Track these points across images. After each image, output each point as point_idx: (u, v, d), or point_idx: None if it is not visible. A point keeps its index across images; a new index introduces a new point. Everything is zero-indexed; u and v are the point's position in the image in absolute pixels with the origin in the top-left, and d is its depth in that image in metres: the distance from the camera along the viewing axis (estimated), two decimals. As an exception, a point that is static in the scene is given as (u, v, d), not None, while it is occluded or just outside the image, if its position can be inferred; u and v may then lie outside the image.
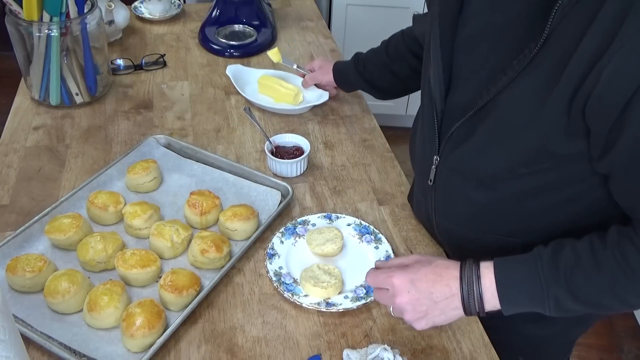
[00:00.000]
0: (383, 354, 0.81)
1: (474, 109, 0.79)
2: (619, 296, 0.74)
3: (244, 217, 1.00)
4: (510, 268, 0.77)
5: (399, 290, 0.78)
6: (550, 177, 0.79)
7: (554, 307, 0.75)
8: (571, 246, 0.76)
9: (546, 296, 0.74)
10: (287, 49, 1.62)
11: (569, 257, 0.74)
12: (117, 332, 0.85)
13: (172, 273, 0.90)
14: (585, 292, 0.74)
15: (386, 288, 0.80)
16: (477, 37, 0.80)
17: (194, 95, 1.41)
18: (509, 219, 0.86)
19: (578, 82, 0.66)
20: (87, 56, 1.30)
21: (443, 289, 0.77)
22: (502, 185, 0.83)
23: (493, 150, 0.80)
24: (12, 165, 1.17)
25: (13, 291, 0.90)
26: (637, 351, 2.04)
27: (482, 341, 0.88)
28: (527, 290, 0.75)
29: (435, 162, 0.90)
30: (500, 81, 0.74)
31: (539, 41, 0.68)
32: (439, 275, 0.78)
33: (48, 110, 1.33)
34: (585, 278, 0.73)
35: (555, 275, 0.74)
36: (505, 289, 0.76)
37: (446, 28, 0.83)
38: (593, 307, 0.76)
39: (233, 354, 0.85)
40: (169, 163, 1.16)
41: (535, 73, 0.71)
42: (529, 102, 0.72)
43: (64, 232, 0.96)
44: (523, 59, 0.71)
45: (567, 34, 0.67)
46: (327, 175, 1.19)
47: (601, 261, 0.73)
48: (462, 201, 0.90)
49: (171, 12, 1.74)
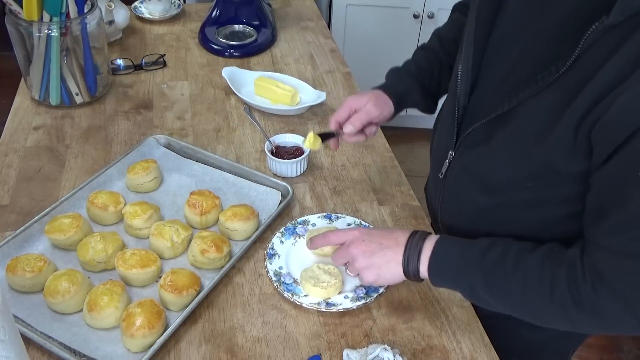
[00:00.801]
0: (383, 354, 0.81)
1: (495, 114, 0.79)
2: (525, 305, 0.77)
3: (244, 217, 1.00)
4: (448, 244, 0.82)
5: (355, 239, 0.86)
6: (552, 193, 0.80)
7: (469, 291, 0.80)
8: (507, 243, 0.79)
9: (464, 278, 0.80)
10: (287, 49, 1.63)
11: (499, 252, 0.78)
12: (117, 332, 0.85)
13: (172, 273, 0.90)
14: (498, 288, 0.78)
15: (344, 242, 0.89)
16: (510, 40, 0.80)
17: (194, 95, 1.41)
18: (509, 227, 0.86)
19: (591, 105, 0.67)
20: (87, 56, 1.30)
21: (391, 241, 0.85)
22: (505, 194, 0.84)
23: (503, 158, 0.81)
24: (12, 165, 1.17)
25: (13, 291, 0.90)
26: (637, 351, 2.04)
27: (482, 341, 0.88)
28: (450, 267, 0.81)
29: (449, 156, 0.92)
30: (522, 92, 0.74)
31: (567, 62, 0.68)
32: (391, 232, 0.87)
33: (48, 110, 1.33)
34: (502, 275, 0.77)
35: (478, 262, 0.78)
36: (435, 258, 0.81)
37: (482, 24, 0.83)
38: (503, 307, 0.79)
39: (233, 354, 0.85)
40: (169, 163, 1.16)
41: (557, 92, 0.71)
42: (544, 118, 0.73)
43: (64, 232, 0.96)
44: (548, 75, 0.71)
45: (593, 59, 0.67)
46: (327, 175, 1.19)
47: (522, 263, 0.76)
48: (467, 201, 0.91)
49: (171, 12, 1.74)
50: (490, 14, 0.82)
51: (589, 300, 0.71)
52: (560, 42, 0.72)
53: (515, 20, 0.80)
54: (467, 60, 0.85)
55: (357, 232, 0.88)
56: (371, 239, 0.86)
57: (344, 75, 1.52)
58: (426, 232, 0.85)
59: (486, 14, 0.83)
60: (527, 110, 0.75)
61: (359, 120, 0.99)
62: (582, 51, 0.67)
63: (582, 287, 0.72)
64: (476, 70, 0.85)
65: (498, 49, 0.82)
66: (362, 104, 1.01)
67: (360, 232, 0.87)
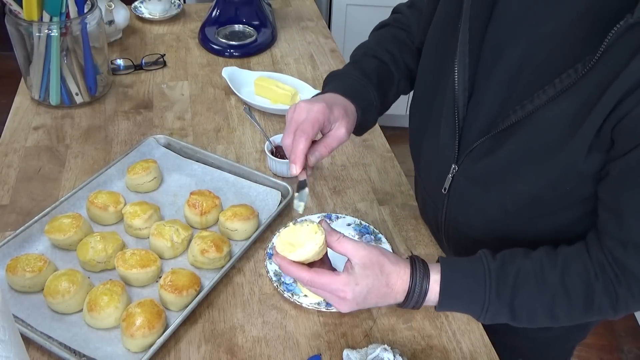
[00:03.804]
0: (383, 354, 0.81)
1: (506, 124, 0.76)
2: (554, 316, 0.76)
3: (244, 217, 1.00)
4: (458, 280, 0.77)
5: (349, 302, 0.77)
6: (571, 196, 0.78)
7: (489, 319, 0.77)
8: (521, 263, 0.76)
9: (485, 310, 0.76)
10: (287, 49, 1.63)
11: (518, 276, 0.75)
12: (117, 332, 0.85)
13: (172, 273, 0.90)
14: (524, 311, 0.76)
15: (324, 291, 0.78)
16: (509, 46, 0.77)
17: (194, 95, 1.41)
18: (523, 234, 0.85)
19: (615, 103, 0.65)
20: (87, 56, 1.30)
21: (389, 301, 0.79)
22: (521, 203, 0.81)
23: (522, 168, 0.77)
24: (12, 165, 1.17)
25: (13, 291, 0.90)
26: (637, 351, 2.04)
27: (482, 341, 0.88)
28: (468, 304, 0.78)
29: (452, 170, 0.88)
30: (538, 98, 0.72)
31: (589, 64, 0.66)
32: (390, 288, 0.77)
33: (48, 110, 1.33)
34: (529, 298, 0.75)
35: (502, 294, 0.75)
36: (448, 299, 0.78)
37: (475, 34, 0.79)
38: (525, 324, 0.78)
39: (233, 354, 0.85)
40: (169, 163, 1.16)
41: (578, 94, 0.69)
42: (566, 122, 0.70)
43: (64, 232, 0.95)
44: (567, 78, 0.69)
45: (615, 58, 0.65)
46: (327, 175, 1.19)
47: (548, 283, 0.75)
48: (477, 213, 0.88)
49: (171, 12, 1.74)
50: (483, 22, 0.79)
51: (624, 301, 0.73)
52: (576, 43, 0.69)
53: (513, 25, 0.76)
54: (462, 71, 0.80)
55: (351, 297, 0.75)
56: (366, 303, 0.78)
57: (344, 75, 1.51)
58: (425, 278, 0.77)
59: (479, 23, 0.79)
60: (545, 116, 0.72)
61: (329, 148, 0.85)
62: (604, 51, 0.65)
63: (619, 291, 0.72)
64: (472, 81, 0.82)
65: (496, 57, 0.78)
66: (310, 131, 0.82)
67: (355, 296, 0.75)
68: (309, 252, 0.75)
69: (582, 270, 0.74)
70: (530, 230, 0.84)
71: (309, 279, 0.75)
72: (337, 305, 0.78)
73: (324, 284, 0.75)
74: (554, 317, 0.76)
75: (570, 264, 0.75)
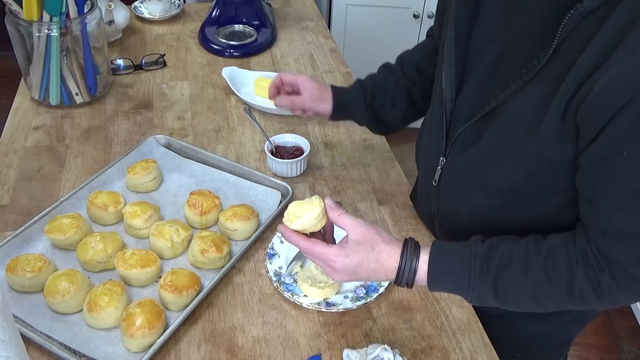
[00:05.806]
0: (383, 354, 0.81)
1: (481, 114, 0.80)
2: (538, 301, 0.78)
3: (244, 217, 1.00)
4: (445, 260, 0.80)
5: (339, 272, 0.80)
6: (549, 186, 0.80)
7: (475, 299, 0.80)
8: (507, 247, 0.78)
9: (472, 290, 0.79)
10: (287, 49, 1.63)
11: (502, 259, 0.77)
12: (117, 332, 0.85)
13: (172, 273, 0.90)
14: (509, 293, 0.78)
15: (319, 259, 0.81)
16: (490, 41, 0.81)
17: (194, 95, 1.41)
18: (510, 223, 0.86)
19: (574, 90, 0.68)
20: (87, 56, 1.30)
21: (380, 276, 0.81)
22: (503, 192, 0.84)
23: (496, 157, 0.82)
24: (12, 165, 1.17)
25: (13, 291, 0.90)
26: (637, 351, 2.04)
27: (482, 341, 0.88)
28: (455, 283, 0.80)
29: (441, 163, 0.92)
30: (508, 88, 0.76)
31: (548, 52, 0.70)
32: (380, 264, 0.80)
33: (48, 110, 1.33)
34: (512, 281, 0.77)
35: (485, 275, 0.77)
36: (436, 278, 0.79)
37: (461, 31, 0.85)
38: (510, 307, 0.80)
39: (233, 354, 0.85)
40: (169, 163, 1.16)
41: (542, 83, 0.72)
42: (533, 110, 0.74)
43: (64, 232, 0.95)
44: (532, 68, 0.72)
45: (573, 46, 0.68)
46: (327, 175, 1.19)
47: (531, 267, 0.76)
48: (465, 203, 0.91)
49: (171, 12, 1.74)
50: (468, 20, 0.84)
51: (608, 289, 0.73)
52: (541, 34, 0.73)
53: (493, 21, 0.81)
54: (450, 67, 0.86)
55: (340, 267, 0.79)
56: (357, 275, 0.80)
57: (343, 75, 1.52)
58: (415, 255, 0.79)
59: (464, 20, 0.84)
60: (515, 105, 0.76)
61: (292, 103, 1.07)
62: (561, 40, 0.69)
63: (601, 278, 0.73)
64: (460, 76, 0.87)
65: (479, 52, 0.83)
66: (303, 90, 1.06)
67: (344, 267, 0.79)
68: (305, 222, 0.81)
69: (565, 257, 0.75)
70: (516, 218, 0.86)
71: (305, 247, 0.80)
72: (330, 274, 0.81)
73: (318, 252, 0.80)
74: (538, 302, 0.78)
75: (555, 251, 0.76)
